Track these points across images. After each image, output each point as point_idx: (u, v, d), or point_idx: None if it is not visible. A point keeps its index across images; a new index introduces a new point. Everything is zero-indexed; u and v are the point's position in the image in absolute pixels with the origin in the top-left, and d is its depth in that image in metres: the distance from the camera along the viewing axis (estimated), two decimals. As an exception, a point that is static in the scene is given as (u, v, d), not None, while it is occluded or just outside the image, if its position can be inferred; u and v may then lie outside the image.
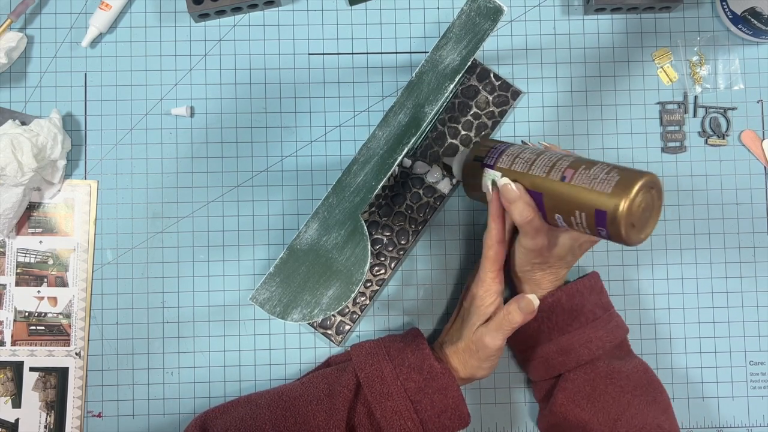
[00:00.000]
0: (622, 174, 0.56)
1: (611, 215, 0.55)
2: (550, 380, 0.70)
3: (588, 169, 0.58)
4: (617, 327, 0.68)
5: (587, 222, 0.58)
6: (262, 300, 0.62)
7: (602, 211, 0.56)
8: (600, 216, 0.56)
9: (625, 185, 0.56)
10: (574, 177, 0.58)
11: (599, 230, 0.57)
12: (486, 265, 0.66)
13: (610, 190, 0.56)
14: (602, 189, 0.56)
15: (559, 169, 0.59)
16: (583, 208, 0.57)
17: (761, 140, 0.77)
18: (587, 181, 0.57)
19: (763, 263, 0.76)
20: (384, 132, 0.63)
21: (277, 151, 0.76)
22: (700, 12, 0.78)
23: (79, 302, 0.74)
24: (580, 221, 0.58)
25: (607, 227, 0.56)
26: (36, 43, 0.76)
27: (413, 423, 0.64)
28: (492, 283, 0.65)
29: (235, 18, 0.77)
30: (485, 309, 0.65)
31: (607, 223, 0.56)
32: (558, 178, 0.59)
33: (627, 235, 0.56)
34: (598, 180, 0.57)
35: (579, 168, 0.59)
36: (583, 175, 0.58)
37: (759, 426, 0.75)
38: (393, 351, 0.67)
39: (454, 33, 0.64)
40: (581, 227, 0.59)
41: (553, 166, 0.60)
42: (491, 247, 0.65)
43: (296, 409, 0.66)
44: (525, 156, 0.62)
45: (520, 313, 0.63)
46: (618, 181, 0.56)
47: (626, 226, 0.56)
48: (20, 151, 0.68)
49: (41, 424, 0.73)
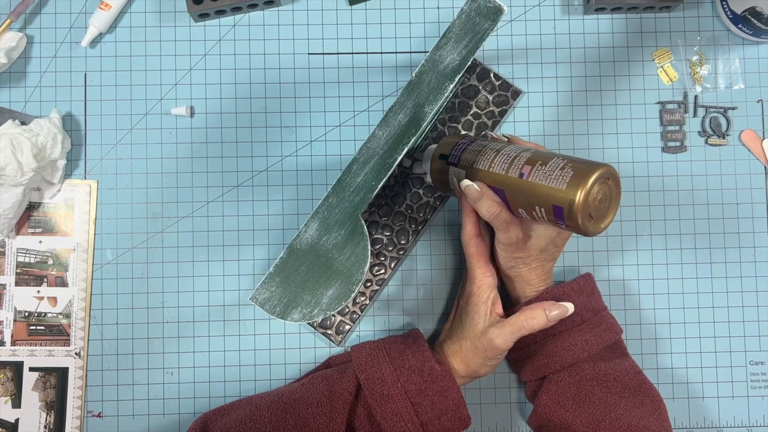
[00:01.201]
0: (576, 168, 0.58)
1: (567, 210, 0.57)
2: (538, 381, 0.70)
3: (544, 165, 0.59)
4: (606, 330, 0.68)
5: (547, 216, 0.59)
6: (262, 300, 0.62)
7: (559, 206, 0.58)
8: (557, 211, 0.58)
9: (579, 179, 0.57)
10: (531, 174, 0.60)
11: (559, 224, 0.59)
12: (471, 261, 0.67)
13: (564, 186, 0.57)
14: (557, 185, 0.58)
15: (517, 166, 0.61)
16: (541, 203, 0.59)
17: (761, 140, 0.76)
18: (543, 177, 0.59)
19: (763, 263, 0.76)
20: (384, 132, 0.63)
21: (277, 151, 0.76)
22: (700, 12, 0.78)
23: (78, 302, 0.74)
24: (541, 215, 0.60)
25: (565, 221, 0.58)
26: (36, 42, 0.76)
27: (414, 425, 0.64)
28: (483, 278, 0.66)
29: (234, 18, 0.77)
30: (483, 305, 0.65)
31: (564, 217, 0.58)
32: (516, 175, 0.61)
33: (585, 227, 0.58)
34: (553, 176, 0.58)
35: (536, 164, 0.60)
36: (540, 171, 0.59)
37: (759, 426, 0.75)
38: (393, 353, 0.67)
39: (454, 33, 0.64)
40: (543, 221, 0.60)
41: (511, 162, 0.62)
42: (469, 242, 0.66)
43: (296, 411, 0.66)
44: (486, 153, 0.64)
45: (544, 319, 0.63)
46: (572, 176, 0.58)
47: (583, 218, 0.57)
48: (20, 151, 0.68)
49: (41, 424, 0.73)
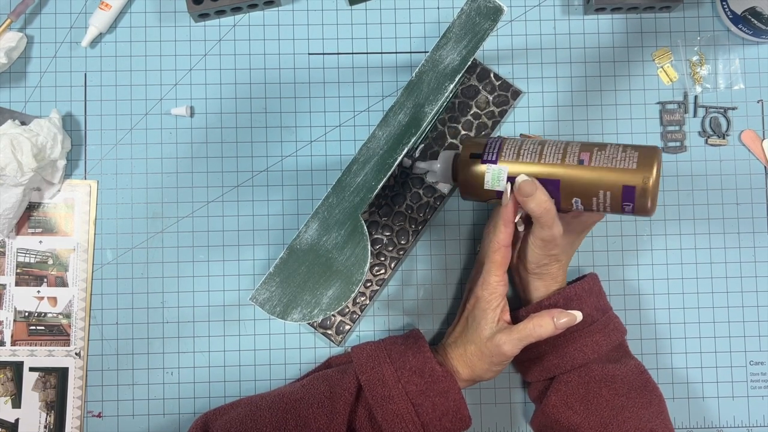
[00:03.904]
0: (638, 150, 0.61)
1: (641, 189, 0.59)
2: (544, 381, 0.70)
3: (602, 151, 0.61)
4: (614, 330, 0.68)
5: (612, 200, 0.61)
6: (262, 300, 0.62)
7: (630, 186, 0.59)
8: (628, 191, 0.60)
9: (649, 158, 0.60)
10: (592, 159, 0.61)
11: (625, 206, 0.60)
12: (492, 268, 0.65)
13: (635, 166, 0.60)
14: (627, 166, 0.60)
15: (574, 154, 0.62)
16: (608, 187, 0.60)
17: (761, 140, 0.76)
18: (608, 161, 0.61)
19: (763, 263, 0.76)
20: (384, 132, 0.63)
21: (277, 151, 0.76)
22: (700, 12, 0.78)
23: (79, 302, 0.74)
24: (602, 200, 0.61)
25: (636, 201, 0.60)
26: (36, 43, 0.76)
27: (414, 426, 0.64)
28: (497, 286, 0.65)
29: (234, 18, 0.77)
30: (492, 312, 0.65)
31: (635, 197, 0.60)
32: (575, 163, 0.61)
33: (653, 204, 0.60)
34: (618, 159, 0.60)
35: (593, 150, 0.61)
36: (601, 156, 0.61)
37: (759, 426, 0.75)
38: (394, 353, 0.67)
39: (454, 33, 0.64)
40: (602, 206, 0.61)
41: (565, 151, 0.62)
42: (498, 250, 0.65)
43: (297, 412, 0.66)
44: (529, 146, 0.63)
45: (552, 327, 0.63)
46: (639, 156, 0.60)
47: (653, 197, 0.60)
48: (20, 151, 0.68)
49: (41, 424, 0.73)
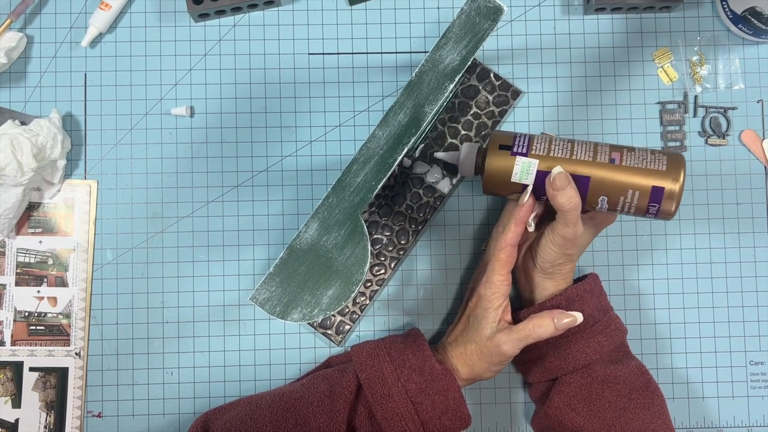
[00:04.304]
0: (667, 155, 0.62)
1: (669, 190, 0.61)
2: (546, 382, 0.70)
3: (632, 152, 0.63)
4: (615, 330, 0.68)
5: (639, 200, 0.62)
6: (262, 300, 0.62)
7: (660, 187, 0.61)
8: (656, 192, 0.61)
9: (677, 164, 0.62)
10: (623, 159, 0.62)
11: (651, 206, 0.62)
12: (496, 267, 0.65)
13: (664, 168, 0.61)
14: (657, 167, 0.62)
15: (605, 153, 0.63)
16: (637, 187, 0.62)
17: (761, 140, 0.76)
18: (639, 161, 0.62)
19: (763, 263, 0.76)
20: (384, 132, 0.63)
21: (277, 151, 0.76)
22: (700, 12, 0.78)
23: (78, 302, 0.74)
24: (630, 200, 0.62)
25: (662, 202, 0.61)
26: (36, 42, 0.76)
27: (414, 424, 0.64)
28: (500, 285, 0.65)
29: (234, 18, 0.77)
30: (494, 311, 0.65)
31: (663, 198, 0.61)
32: (606, 161, 0.62)
33: (676, 209, 0.62)
34: (649, 160, 0.62)
35: (623, 151, 0.63)
36: (631, 156, 0.62)
37: (759, 426, 0.75)
38: (394, 352, 0.67)
39: (454, 33, 0.64)
40: (628, 206, 0.62)
41: (596, 150, 0.63)
42: (504, 249, 0.65)
43: (297, 410, 0.66)
44: (559, 143, 0.64)
45: (552, 328, 0.63)
46: (668, 159, 0.62)
47: (678, 200, 0.61)
48: (20, 151, 0.68)
49: (41, 424, 0.73)
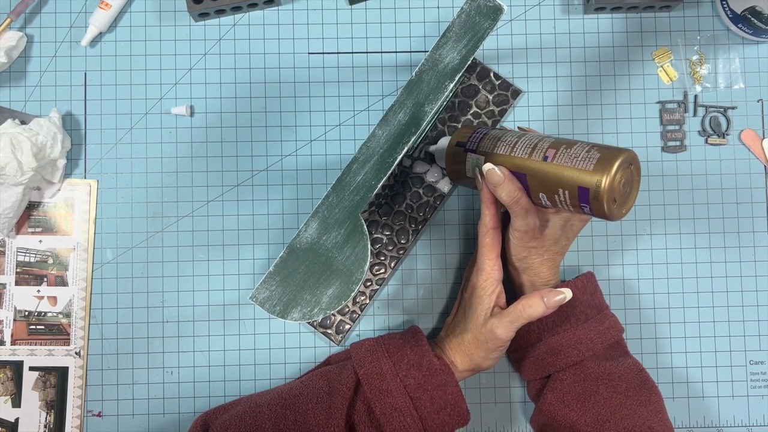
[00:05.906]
0: (602, 152, 0.59)
1: (594, 191, 0.58)
2: (542, 380, 0.70)
3: (569, 149, 0.60)
4: (610, 328, 0.68)
5: (570, 199, 0.60)
6: (262, 299, 0.62)
7: (585, 188, 0.58)
8: (583, 193, 0.59)
9: (606, 162, 0.58)
10: (555, 156, 0.61)
11: (582, 207, 0.60)
12: (483, 252, 0.66)
13: (591, 168, 0.58)
14: (584, 167, 0.59)
15: (541, 150, 0.62)
16: (565, 186, 0.60)
17: (761, 139, 0.76)
18: (569, 159, 0.60)
19: (763, 262, 0.76)
20: (384, 131, 0.63)
21: (277, 151, 0.76)
22: (700, 11, 0.78)
23: (78, 301, 0.74)
24: (563, 199, 0.60)
25: (590, 203, 0.59)
26: (36, 42, 0.76)
27: (413, 419, 0.64)
28: (491, 271, 0.66)
29: (234, 17, 0.77)
30: (487, 298, 0.65)
31: (590, 199, 0.58)
32: (540, 158, 0.61)
33: (609, 210, 0.58)
34: (579, 158, 0.59)
35: (560, 148, 0.61)
36: (565, 154, 0.60)
37: (759, 426, 0.75)
38: (392, 348, 0.67)
39: (454, 32, 0.64)
40: (564, 205, 0.61)
41: (534, 147, 0.62)
42: (486, 233, 0.66)
43: (296, 407, 0.66)
44: (506, 139, 0.64)
45: (542, 306, 0.63)
46: (599, 158, 0.59)
47: (608, 201, 0.58)
48: (20, 150, 0.68)
49: (41, 423, 0.73)
